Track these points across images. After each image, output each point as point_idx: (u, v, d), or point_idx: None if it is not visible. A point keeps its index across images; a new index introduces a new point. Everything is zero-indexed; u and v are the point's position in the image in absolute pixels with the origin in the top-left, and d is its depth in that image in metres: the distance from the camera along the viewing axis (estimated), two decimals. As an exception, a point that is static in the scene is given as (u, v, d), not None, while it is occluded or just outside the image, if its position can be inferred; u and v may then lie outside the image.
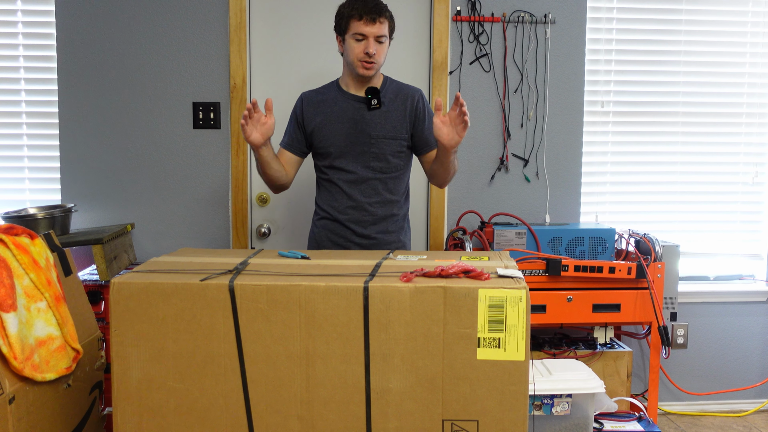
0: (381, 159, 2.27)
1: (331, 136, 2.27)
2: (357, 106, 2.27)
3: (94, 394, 1.79)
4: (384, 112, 2.27)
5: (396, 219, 2.34)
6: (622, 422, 2.50)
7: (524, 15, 3.00)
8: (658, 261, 2.65)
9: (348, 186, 2.28)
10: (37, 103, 2.92)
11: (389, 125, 2.27)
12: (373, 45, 2.16)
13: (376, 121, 2.26)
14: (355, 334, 1.44)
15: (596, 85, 3.12)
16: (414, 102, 2.30)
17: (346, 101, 2.28)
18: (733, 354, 3.24)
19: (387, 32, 2.20)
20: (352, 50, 2.19)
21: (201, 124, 2.93)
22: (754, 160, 3.23)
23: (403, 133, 2.29)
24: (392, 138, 2.27)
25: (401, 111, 2.28)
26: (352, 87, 2.29)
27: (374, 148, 2.26)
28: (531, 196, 3.08)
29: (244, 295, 1.45)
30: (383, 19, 2.17)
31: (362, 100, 2.27)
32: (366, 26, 2.15)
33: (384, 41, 2.21)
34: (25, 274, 1.56)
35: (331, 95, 2.31)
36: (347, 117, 2.27)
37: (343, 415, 1.46)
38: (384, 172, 2.29)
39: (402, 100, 2.29)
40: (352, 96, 2.28)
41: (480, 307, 1.41)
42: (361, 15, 2.14)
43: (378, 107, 2.26)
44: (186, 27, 2.90)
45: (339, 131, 2.27)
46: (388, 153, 2.27)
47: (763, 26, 3.16)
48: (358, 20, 2.15)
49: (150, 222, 2.96)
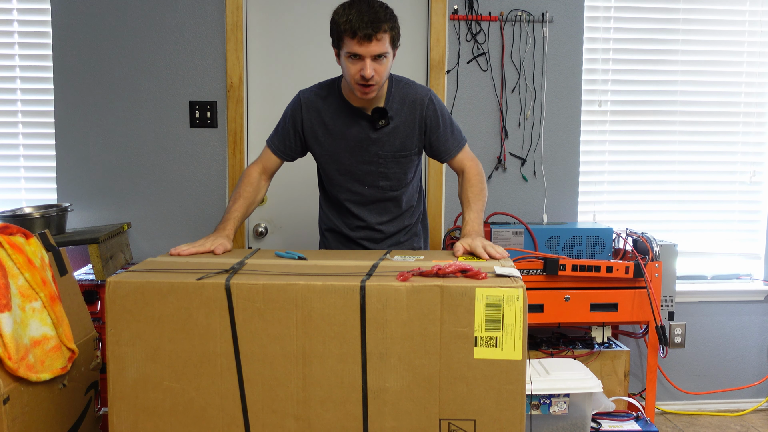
0: (390, 178, 2.09)
1: (334, 153, 2.08)
2: (362, 124, 2.04)
3: (89, 394, 1.79)
4: (392, 130, 2.04)
5: (408, 228, 2.21)
6: (619, 422, 2.50)
7: (522, 14, 2.99)
8: (655, 260, 2.65)
9: (356, 207, 2.13)
10: (33, 102, 2.91)
11: (398, 142, 2.05)
12: (371, 66, 1.86)
13: (384, 139, 2.04)
14: (351, 334, 1.43)
15: (594, 84, 3.12)
16: (423, 109, 2.05)
17: (350, 116, 2.05)
18: (731, 353, 3.24)
19: (388, 47, 1.88)
20: (347, 70, 1.91)
21: (198, 123, 2.92)
22: (752, 160, 3.23)
23: (412, 147, 2.08)
24: (402, 156, 2.07)
25: (410, 123, 2.05)
26: (354, 99, 2.03)
27: (382, 167, 2.07)
28: (528, 196, 3.08)
29: (241, 295, 1.44)
30: (381, 35, 1.84)
31: (368, 118, 2.03)
32: (361, 46, 1.84)
33: (385, 57, 1.89)
34: (19, 273, 1.55)
35: (334, 104, 2.06)
36: (352, 135, 2.05)
37: (339, 414, 1.45)
38: (394, 190, 2.12)
39: (410, 109, 2.05)
40: (356, 110, 2.04)
41: (477, 306, 1.41)
42: (355, 32, 1.82)
43: (386, 125, 2.02)
44: (182, 26, 2.89)
45: (343, 149, 2.07)
46: (398, 170, 2.09)
47: (761, 26, 3.17)
48: (352, 38, 1.84)
49: (146, 221, 2.95)
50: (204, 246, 1.80)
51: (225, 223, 1.96)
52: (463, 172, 2.12)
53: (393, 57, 1.95)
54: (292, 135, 2.12)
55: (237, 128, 2.92)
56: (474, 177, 2.09)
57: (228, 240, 1.88)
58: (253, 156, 2.96)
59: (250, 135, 2.97)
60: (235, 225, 1.98)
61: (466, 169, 2.11)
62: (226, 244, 1.83)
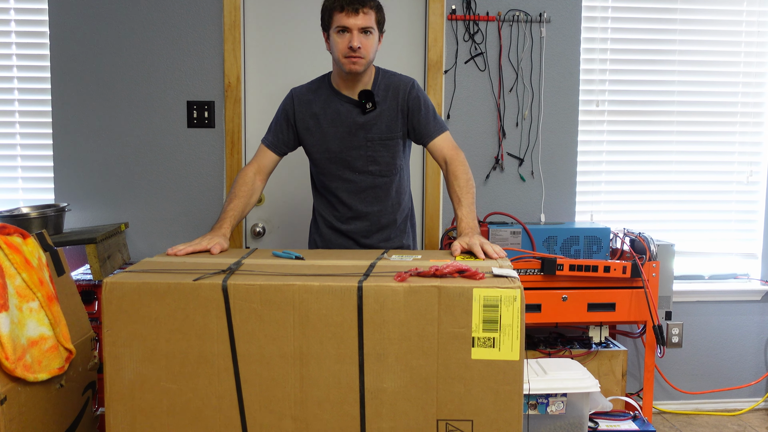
0: (379, 162, 2.18)
1: (325, 141, 2.18)
2: (350, 109, 2.16)
3: (87, 395, 1.78)
4: (378, 114, 2.16)
5: (397, 224, 2.28)
6: (617, 421, 2.50)
7: (519, 14, 2.99)
8: (653, 260, 2.65)
9: (348, 195, 2.21)
10: (30, 101, 2.91)
11: (384, 125, 2.17)
12: (358, 38, 2.01)
13: (372, 123, 2.16)
14: (349, 334, 1.43)
15: (591, 85, 3.12)
16: (405, 94, 2.17)
17: (339, 103, 2.17)
18: (728, 353, 3.25)
19: (374, 23, 2.05)
20: (336, 45, 2.05)
21: (195, 123, 2.92)
22: (749, 160, 3.24)
23: (397, 131, 2.18)
24: (388, 138, 2.18)
25: (393, 107, 2.17)
26: (343, 87, 2.16)
27: (371, 151, 2.17)
28: (526, 196, 3.08)
29: (238, 295, 1.44)
30: (368, 9, 2.02)
31: (355, 103, 2.16)
32: (348, 18, 2.00)
33: (371, 33, 2.05)
34: (17, 273, 1.55)
35: (323, 95, 2.19)
36: (341, 121, 2.16)
37: (337, 415, 1.45)
38: (384, 176, 2.20)
39: (393, 95, 2.17)
40: (345, 98, 2.17)
41: (474, 306, 1.41)
42: (343, 6, 2.00)
43: (373, 109, 2.15)
44: (180, 25, 2.89)
45: (333, 135, 2.17)
46: (387, 155, 2.18)
47: (758, 26, 3.17)
48: (340, 12, 2.01)
49: (144, 221, 2.95)
50: (200, 245, 1.81)
51: (221, 222, 1.98)
52: (446, 162, 2.14)
53: (379, 42, 2.12)
54: (284, 127, 2.21)
55: (234, 128, 2.92)
56: (458, 168, 2.11)
57: (224, 239, 1.89)
58: (250, 156, 2.95)
59: (247, 135, 2.97)
60: (232, 224, 2.00)
61: (449, 159, 2.14)
62: (222, 243, 1.85)
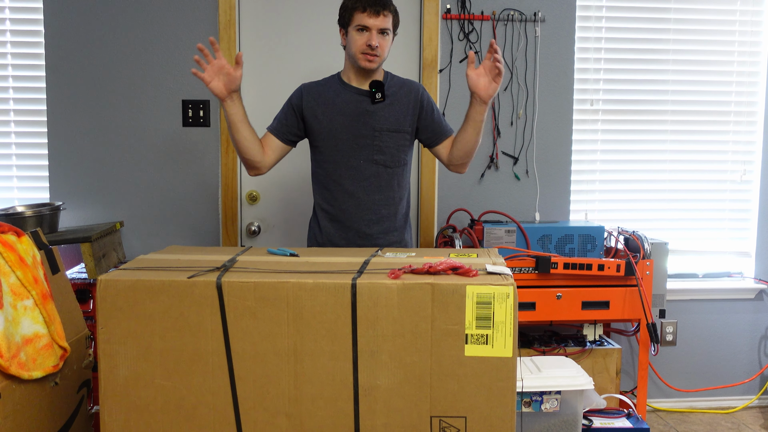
0: (385, 152, 2.24)
1: (333, 128, 2.23)
2: (360, 99, 2.24)
3: (81, 393, 1.79)
4: (387, 105, 2.24)
5: (397, 218, 2.31)
6: (611, 419, 2.51)
7: (514, 13, 3.00)
8: (647, 258, 2.66)
9: (351, 183, 2.24)
10: (25, 100, 2.90)
11: (393, 118, 2.24)
12: (376, 37, 2.14)
13: (380, 113, 2.23)
14: (343, 331, 1.44)
15: (586, 84, 3.13)
16: (418, 95, 2.28)
17: (349, 93, 2.25)
18: (722, 351, 3.26)
19: (391, 26, 2.18)
20: (354, 42, 2.17)
21: (190, 121, 2.92)
22: (743, 158, 3.25)
23: (406, 126, 2.26)
24: (396, 131, 2.24)
25: (405, 103, 2.26)
26: (354, 80, 2.25)
27: (378, 141, 2.23)
28: (521, 194, 3.09)
29: (232, 292, 1.44)
30: (387, 12, 2.15)
31: (365, 93, 2.24)
32: (369, 18, 2.13)
33: (388, 35, 2.18)
34: (11, 271, 1.55)
35: (333, 87, 2.27)
36: (350, 110, 2.23)
37: (331, 411, 1.45)
38: (388, 166, 2.25)
39: (406, 92, 2.27)
40: (355, 89, 2.25)
41: (468, 303, 1.41)
42: (365, 7, 2.13)
43: (382, 100, 2.23)
44: (175, 25, 2.89)
45: (341, 123, 2.23)
46: (392, 146, 2.24)
47: (751, 25, 3.19)
48: (362, 12, 2.13)
49: (139, 220, 2.95)
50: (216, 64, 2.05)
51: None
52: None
53: (392, 41, 2.23)
54: (291, 115, 2.28)
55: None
56: None
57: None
58: (246, 155, 2.96)
59: (243, 134, 2.97)
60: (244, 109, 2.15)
61: None
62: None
